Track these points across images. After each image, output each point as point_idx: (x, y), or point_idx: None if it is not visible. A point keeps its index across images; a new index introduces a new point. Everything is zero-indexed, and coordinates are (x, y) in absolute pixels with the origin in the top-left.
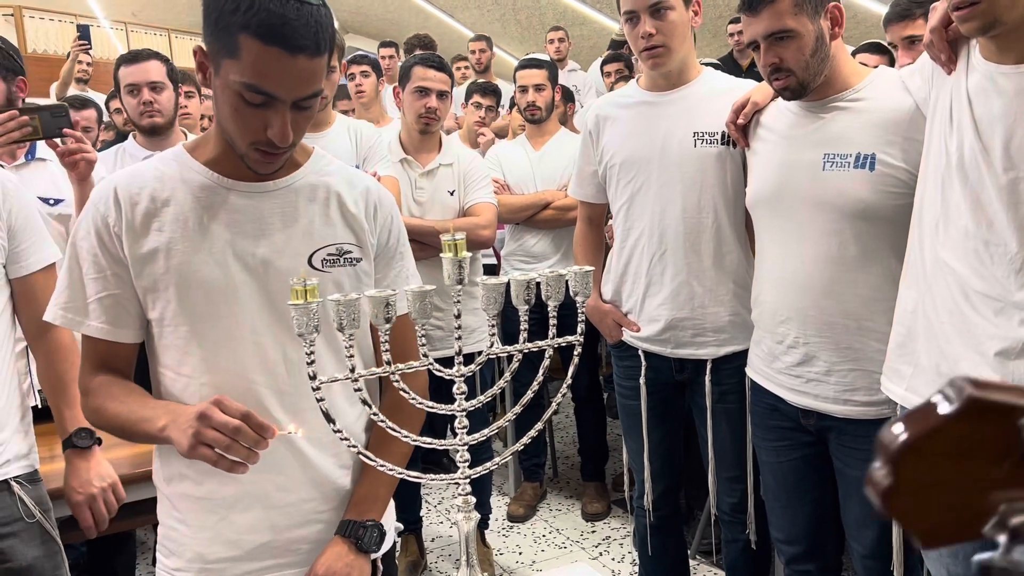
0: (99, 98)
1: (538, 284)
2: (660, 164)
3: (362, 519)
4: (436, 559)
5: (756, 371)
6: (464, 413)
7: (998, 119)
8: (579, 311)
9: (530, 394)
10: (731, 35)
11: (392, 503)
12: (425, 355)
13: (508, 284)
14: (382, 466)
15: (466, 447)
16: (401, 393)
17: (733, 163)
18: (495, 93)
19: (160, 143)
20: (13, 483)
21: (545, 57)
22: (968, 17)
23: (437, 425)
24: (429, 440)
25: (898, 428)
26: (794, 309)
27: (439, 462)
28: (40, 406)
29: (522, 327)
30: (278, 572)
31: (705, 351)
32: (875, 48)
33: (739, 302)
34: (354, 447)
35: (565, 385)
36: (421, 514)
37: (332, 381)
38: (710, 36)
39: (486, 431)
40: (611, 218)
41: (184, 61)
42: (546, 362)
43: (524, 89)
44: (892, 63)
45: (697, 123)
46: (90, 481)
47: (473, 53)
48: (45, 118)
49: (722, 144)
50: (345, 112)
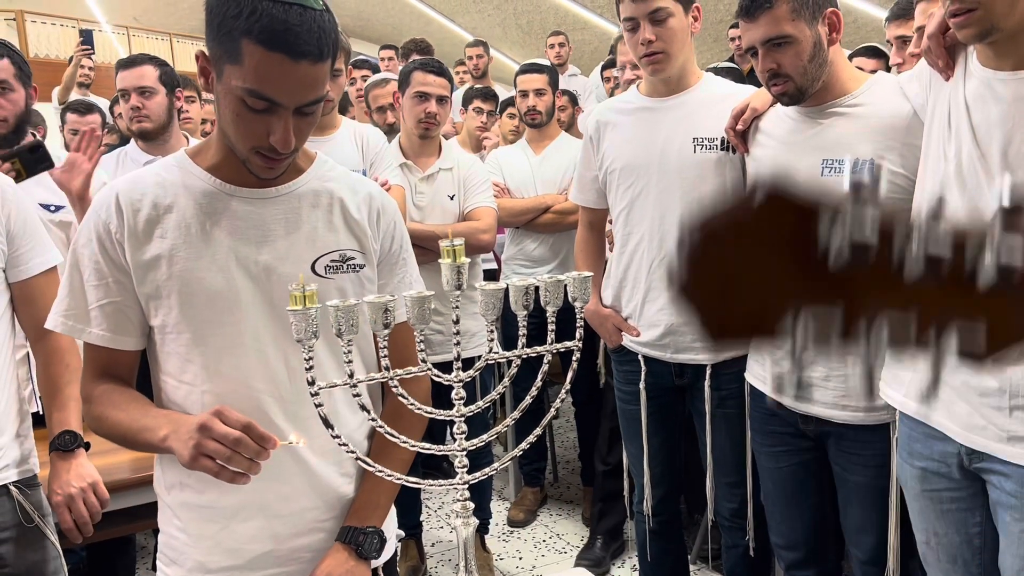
0: (100, 102)
1: (537, 289)
2: (660, 169)
3: (362, 526)
4: (436, 564)
5: (755, 376)
6: (463, 419)
7: (996, 125)
8: (578, 316)
9: (529, 399)
10: (731, 40)
11: (393, 510)
12: (424, 361)
13: (507, 289)
14: (380, 472)
15: (465, 452)
16: (400, 399)
17: (733, 168)
18: (495, 98)
19: (160, 147)
20: (12, 488)
21: (545, 62)
22: (965, 24)
23: (436, 430)
24: (428, 446)
25: (703, 217)
26: None
27: (439, 467)
28: (42, 412)
29: (521, 332)
30: None
31: (705, 356)
32: (871, 52)
33: None
34: (352, 453)
35: (564, 390)
36: (421, 519)
37: (330, 387)
38: (711, 41)
39: (485, 436)
40: (611, 223)
41: (186, 65)
42: (545, 367)
43: (524, 94)
44: (887, 66)
45: (697, 129)
46: (69, 482)
47: (471, 59)
48: (25, 158)
49: (722, 150)
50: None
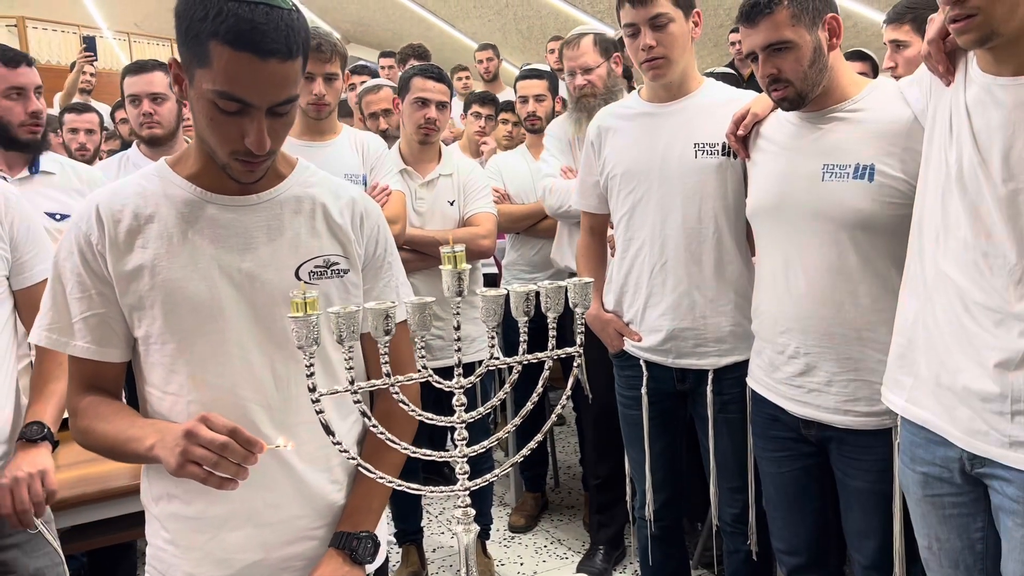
0: (102, 108)
1: (537, 295)
2: (661, 175)
3: (356, 531)
4: (437, 570)
5: (757, 381)
6: (464, 425)
7: (997, 131)
8: (578, 322)
9: (530, 405)
10: (732, 44)
11: (386, 515)
12: (424, 367)
13: (508, 296)
14: (382, 478)
15: (465, 459)
16: (401, 405)
17: (733, 173)
18: (494, 103)
19: (164, 153)
20: None
21: (545, 67)
22: (965, 29)
23: (437, 436)
24: (429, 452)
25: None
26: (794, 319)
27: (440, 472)
28: None
29: (522, 338)
30: None
31: (706, 361)
32: (857, 56)
33: (740, 312)
34: (354, 459)
35: (565, 396)
36: (422, 524)
37: (332, 393)
38: (711, 46)
39: (486, 443)
40: (613, 228)
41: None
42: (546, 373)
43: (524, 99)
44: (875, 69)
45: (697, 134)
46: (20, 466)
47: (480, 63)
48: None
49: (723, 155)
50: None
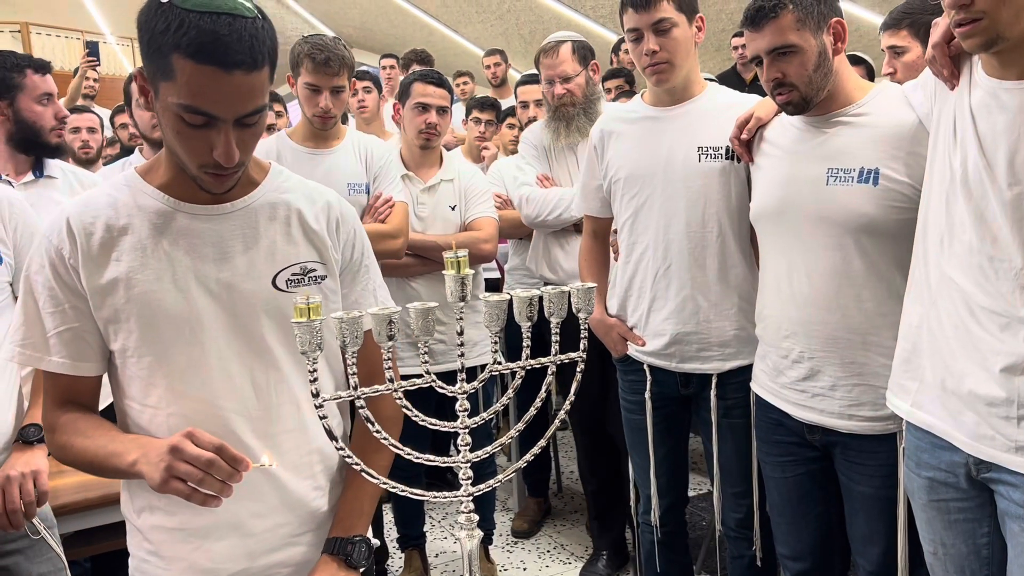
0: (104, 113)
1: (541, 300)
2: (664, 179)
3: (349, 535)
4: (440, 575)
5: (761, 386)
6: (467, 430)
7: (1002, 135)
8: (582, 327)
9: (533, 411)
10: (735, 48)
11: (389, 519)
12: (428, 372)
13: (511, 301)
14: (384, 483)
15: (469, 464)
16: (404, 411)
17: (737, 177)
18: (493, 107)
19: None
20: None
21: None
22: (970, 33)
23: (439, 441)
24: (433, 457)
25: None
26: (799, 324)
27: (443, 477)
28: None
29: (525, 343)
30: None
31: (710, 365)
32: (853, 60)
33: (744, 316)
34: (358, 465)
35: (569, 401)
36: (425, 529)
37: (335, 399)
38: (713, 50)
39: (489, 448)
40: (616, 232)
41: None
42: (550, 378)
43: (525, 104)
44: (871, 73)
45: (701, 138)
46: (13, 466)
47: (488, 68)
48: None
49: (726, 159)
50: None
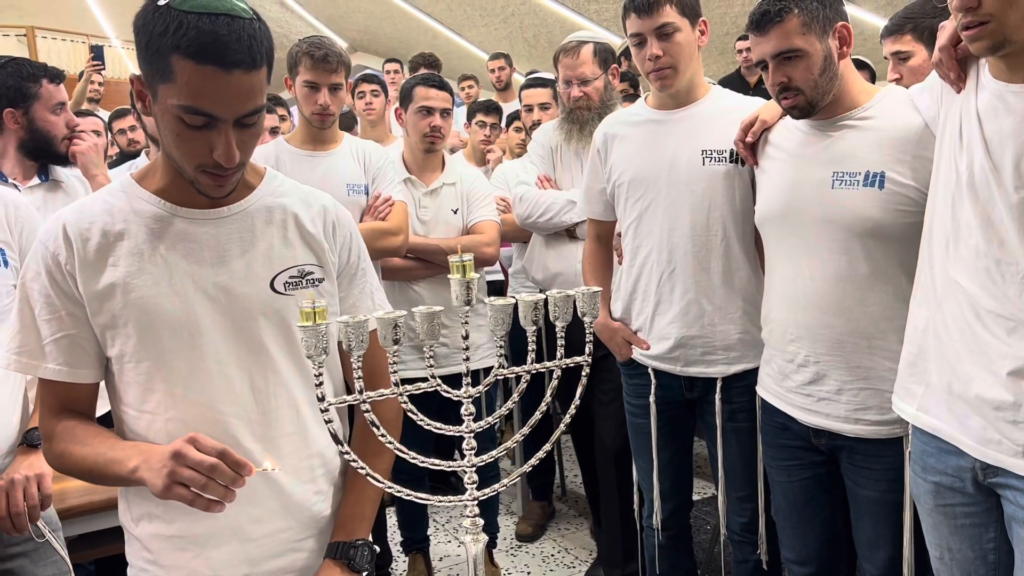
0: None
1: (546, 303)
2: (668, 182)
3: (351, 539)
4: None
5: (766, 390)
6: (472, 434)
7: (1008, 138)
8: (587, 331)
9: (539, 415)
10: (739, 52)
11: (393, 523)
12: (433, 376)
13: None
14: (389, 487)
15: (474, 468)
16: (410, 415)
17: (742, 181)
18: (497, 111)
19: None
20: None
21: (550, 76)
22: (977, 37)
23: (443, 444)
24: (437, 461)
25: None
26: (804, 327)
27: (447, 481)
28: None
29: (530, 347)
30: None
31: (715, 369)
32: (855, 64)
33: (749, 320)
34: (363, 469)
35: (574, 406)
36: (428, 533)
37: (341, 403)
38: (717, 53)
39: (494, 452)
40: (620, 236)
41: None
42: (554, 382)
43: (529, 108)
44: (873, 77)
45: (705, 141)
46: (17, 470)
47: (492, 72)
48: None
49: (731, 162)
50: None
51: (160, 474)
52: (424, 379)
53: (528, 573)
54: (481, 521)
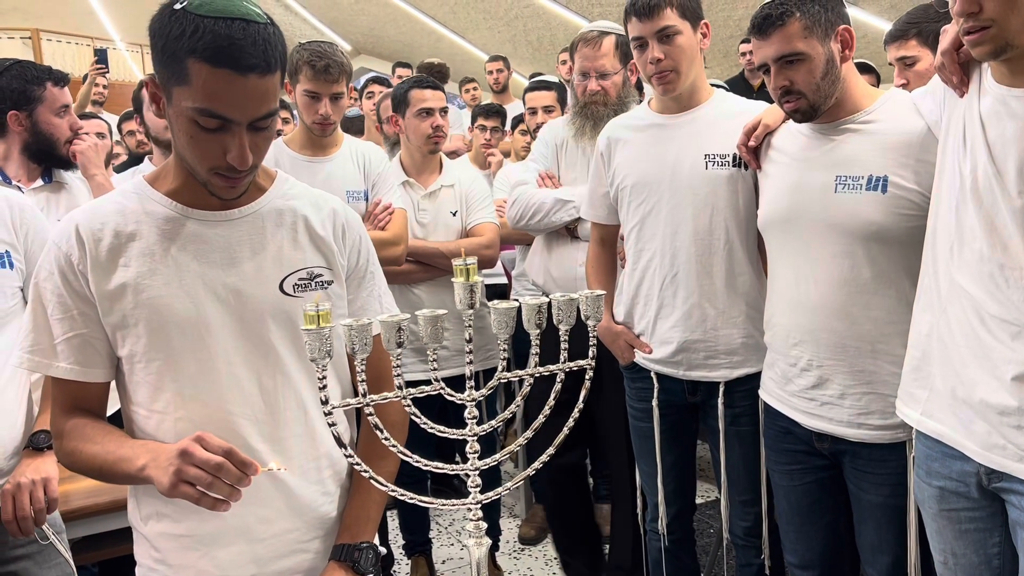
0: (112, 119)
1: (549, 306)
2: (671, 186)
3: (356, 542)
4: None
5: (769, 394)
6: (475, 438)
7: (1012, 142)
8: (590, 335)
9: (542, 418)
10: (742, 55)
11: (395, 526)
12: (437, 379)
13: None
14: (393, 491)
15: (477, 472)
16: (413, 418)
17: (745, 185)
18: (499, 114)
19: None
20: None
21: (554, 79)
22: (979, 41)
23: (445, 446)
24: (441, 464)
25: None
26: (807, 332)
27: (449, 483)
28: None
29: (533, 351)
30: None
31: (718, 373)
32: (861, 68)
33: (752, 324)
34: (366, 472)
35: (577, 409)
36: (431, 536)
37: (344, 406)
38: (721, 56)
39: (498, 456)
40: (623, 239)
41: None
42: (558, 386)
43: (533, 111)
44: (878, 81)
45: (708, 145)
46: (24, 473)
47: (490, 74)
48: None
49: (734, 166)
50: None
51: (167, 472)
52: (425, 382)
53: None
54: (484, 525)
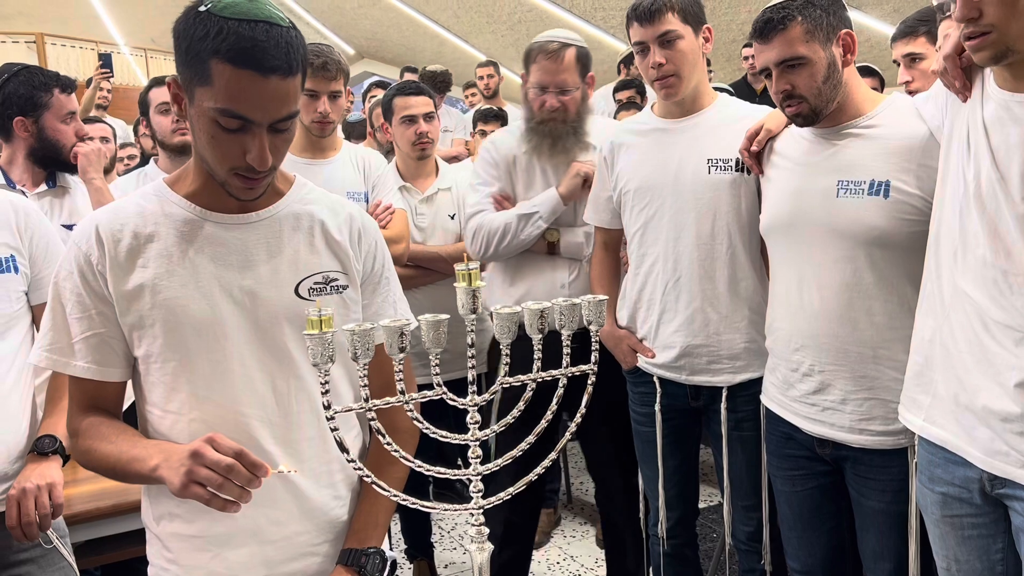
0: (117, 123)
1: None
2: (674, 190)
3: (363, 547)
4: None
5: (771, 399)
6: (478, 443)
7: (1015, 148)
8: (593, 340)
9: (544, 423)
10: (745, 59)
11: (396, 530)
12: (439, 384)
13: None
14: (395, 496)
15: (479, 477)
16: (416, 423)
17: (747, 189)
18: (499, 118)
19: (183, 163)
20: None
21: None
22: (980, 47)
23: (447, 450)
24: (443, 470)
25: None
26: (809, 337)
27: (452, 487)
28: None
29: (536, 356)
30: None
31: (720, 378)
32: (865, 72)
33: (755, 329)
34: (368, 477)
35: (580, 413)
36: (433, 540)
37: (346, 411)
38: (724, 60)
39: (500, 461)
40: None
41: None
42: (560, 391)
43: None
44: (882, 84)
45: (711, 149)
46: (28, 478)
47: (481, 79)
48: None
49: (736, 170)
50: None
51: (178, 472)
52: (427, 386)
53: None
54: (486, 530)
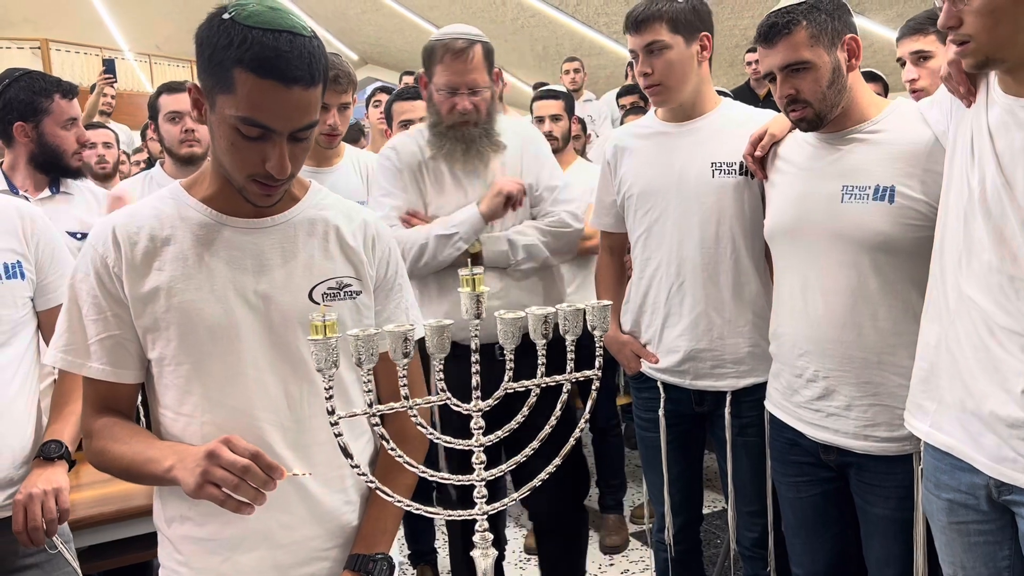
0: (120, 129)
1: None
2: (678, 194)
3: (371, 552)
4: None
5: (775, 405)
6: (482, 448)
7: (1020, 153)
8: (597, 345)
9: (548, 429)
10: (748, 64)
11: (400, 534)
12: (443, 389)
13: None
14: (399, 501)
15: (483, 482)
16: (419, 428)
17: (751, 193)
18: None
19: (193, 172)
20: None
21: (561, 88)
22: (961, 55)
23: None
24: (447, 475)
25: None
26: (813, 342)
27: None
28: None
29: (540, 361)
30: None
31: (725, 383)
32: (869, 77)
33: (759, 333)
34: (372, 483)
35: (584, 419)
36: (436, 545)
37: (351, 416)
38: (727, 65)
39: (504, 467)
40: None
41: None
42: (564, 396)
43: (541, 119)
44: (886, 90)
45: (715, 153)
46: (35, 483)
47: None
48: None
49: (740, 174)
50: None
51: (193, 473)
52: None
53: None
54: (491, 536)
